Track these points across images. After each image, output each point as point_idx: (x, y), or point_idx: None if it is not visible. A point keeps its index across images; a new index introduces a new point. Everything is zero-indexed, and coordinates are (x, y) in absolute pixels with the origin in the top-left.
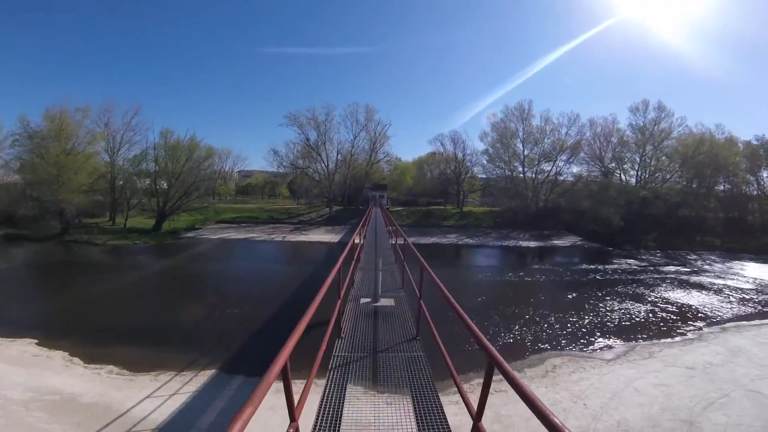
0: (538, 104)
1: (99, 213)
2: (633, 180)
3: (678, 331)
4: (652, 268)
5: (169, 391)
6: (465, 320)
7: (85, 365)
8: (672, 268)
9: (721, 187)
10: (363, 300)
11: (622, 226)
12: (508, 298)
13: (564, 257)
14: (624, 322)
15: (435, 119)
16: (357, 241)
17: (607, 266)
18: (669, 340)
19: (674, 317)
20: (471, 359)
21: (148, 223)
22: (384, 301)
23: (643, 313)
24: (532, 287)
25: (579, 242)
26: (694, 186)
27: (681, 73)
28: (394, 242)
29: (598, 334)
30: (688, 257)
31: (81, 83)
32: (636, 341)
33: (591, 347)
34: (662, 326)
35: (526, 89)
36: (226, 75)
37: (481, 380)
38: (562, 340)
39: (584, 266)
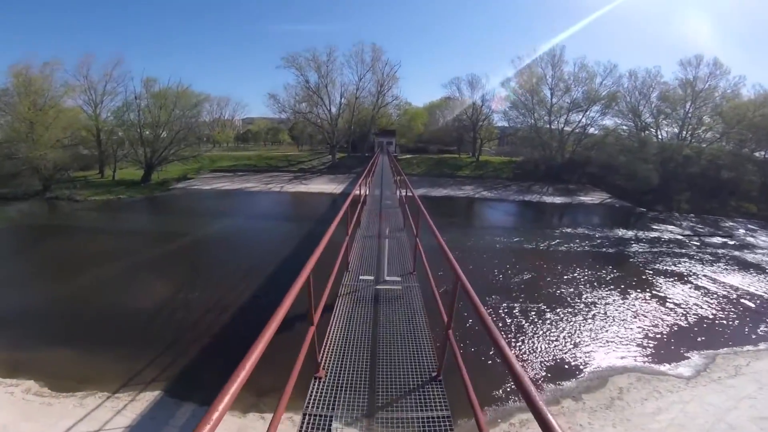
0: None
1: (90, 166)
2: (669, 138)
3: (759, 332)
4: (696, 238)
5: (94, 425)
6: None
7: (1, 379)
8: (717, 240)
9: (762, 152)
10: (362, 278)
11: (656, 185)
12: (539, 276)
13: (595, 218)
14: (689, 317)
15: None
16: (358, 192)
17: (646, 233)
18: (751, 347)
19: (747, 313)
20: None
21: (138, 174)
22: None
23: (708, 305)
24: (566, 259)
25: (608, 200)
26: (745, 149)
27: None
28: (404, 205)
29: (662, 335)
30: (728, 225)
31: (66, 36)
32: (714, 348)
33: (659, 357)
34: (737, 325)
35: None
36: (223, 21)
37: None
38: (619, 344)
39: (621, 232)
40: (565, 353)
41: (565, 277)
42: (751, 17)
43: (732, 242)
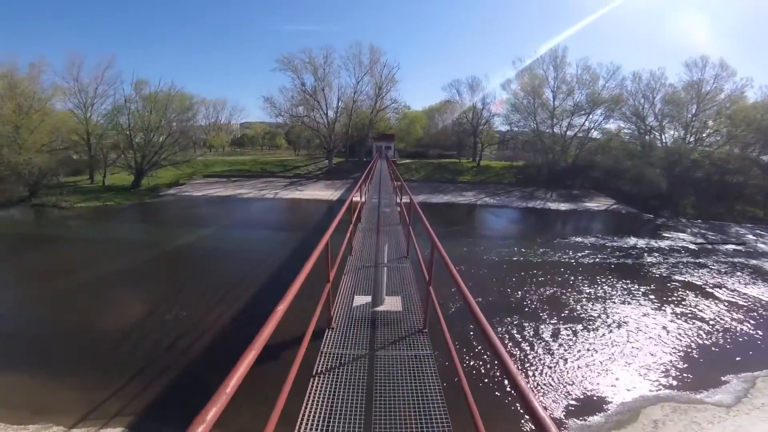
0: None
1: (80, 171)
2: (672, 141)
3: None
4: (710, 246)
5: None
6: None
7: None
8: (730, 248)
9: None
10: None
11: (662, 190)
12: (557, 292)
13: (604, 226)
14: (720, 336)
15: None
16: (357, 198)
17: (659, 242)
18: None
19: None
20: None
21: (129, 179)
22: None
23: (738, 321)
24: (582, 273)
25: (614, 206)
26: (753, 153)
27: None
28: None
29: (694, 356)
30: (737, 231)
31: (54, 41)
32: (751, 370)
33: (693, 383)
34: None
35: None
36: (218, 23)
37: None
38: (648, 368)
39: (633, 241)
40: (590, 382)
41: (584, 293)
42: (756, 16)
43: (745, 250)
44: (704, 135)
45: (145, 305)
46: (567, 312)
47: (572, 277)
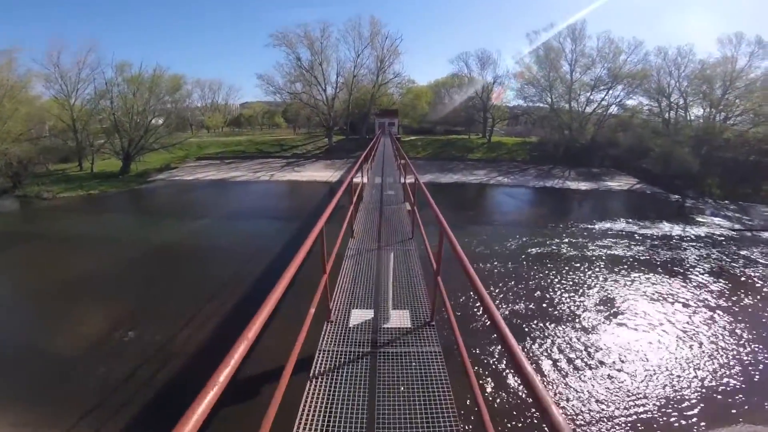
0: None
1: (69, 158)
2: (696, 119)
3: None
4: (749, 234)
5: None
6: None
7: None
8: None
9: None
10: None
11: (693, 171)
12: (596, 295)
13: (630, 208)
14: None
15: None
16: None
17: (694, 228)
18: None
19: None
20: None
21: (118, 165)
22: None
23: None
24: (614, 266)
25: (637, 186)
26: None
27: None
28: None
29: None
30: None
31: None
32: None
33: None
34: None
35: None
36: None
37: None
38: (721, 396)
39: (667, 228)
40: (652, 415)
41: (631, 296)
42: None
43: None
44: (735, 114)
45: (106, 321)
46: (617, 321)
47: (612, 275)
